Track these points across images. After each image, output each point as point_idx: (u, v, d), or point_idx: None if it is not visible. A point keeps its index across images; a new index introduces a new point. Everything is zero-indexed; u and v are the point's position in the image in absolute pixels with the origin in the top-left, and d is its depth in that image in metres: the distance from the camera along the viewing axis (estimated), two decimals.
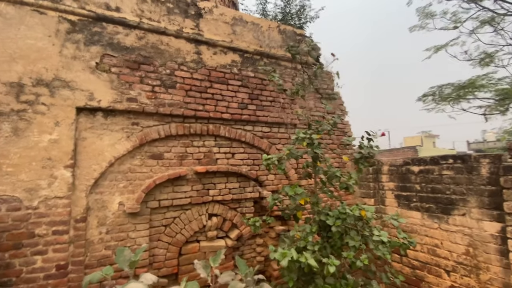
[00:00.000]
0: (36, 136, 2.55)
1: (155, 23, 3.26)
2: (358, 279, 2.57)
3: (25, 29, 2.58)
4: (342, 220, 2.29)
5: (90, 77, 2.83)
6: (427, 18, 9.15)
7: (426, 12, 9.24)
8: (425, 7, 9.11)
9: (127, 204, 2.95)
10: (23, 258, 2.41)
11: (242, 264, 2.78)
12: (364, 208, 2.38)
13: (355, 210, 2.34)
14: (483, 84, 8.05)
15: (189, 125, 3.37)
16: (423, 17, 9.23)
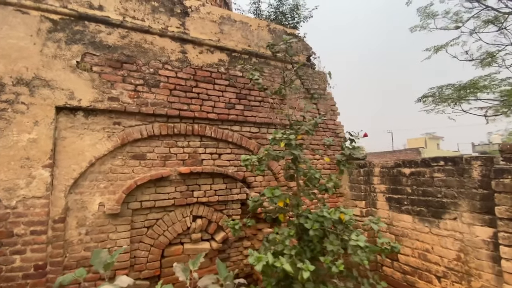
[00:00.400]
0: (15, 136, 2.54)
1: (139, 21, 3.23)
2: (343, 284, 2.49)
3: (7, 29, 2.57)
4: (320, 223, 2.21)
5: (71, 76, 2.81)
6: (428, 18, 8.99)
7: (428, 12, 9.08)
8: (426, 7, 8.96)
9: (107, 205, 2.91)
10: (2, 257, 2.39)
11: (222, 267, 2.72)
12: (343, 211, 2.30)
13: (333, 213, 2.26)
14: (486, 85, 7.86)
15: (173, 125, 3.33)
16: (424, 17, 9.07)
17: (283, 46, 2.89)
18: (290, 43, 2.83)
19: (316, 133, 4.38)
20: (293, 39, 4.06)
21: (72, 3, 2.90)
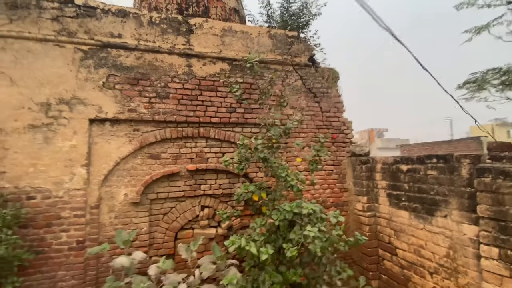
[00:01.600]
0: (60, 143, 3.36)
1: (151, 43, 3.84)
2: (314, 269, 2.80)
3: (49, 60, 3.38)
4: (284, 215, 2.55)
5: (99, 94, 3.55)
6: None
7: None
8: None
9: (130, 195, 3.64)
10: (53, 234, 3.26)
11: (216, 250, 3.24)
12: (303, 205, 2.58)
13: (294, 207, 2.57)
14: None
15: (182, 129, 3.91)
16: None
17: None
18: (253, 64, 3.09)
19: (319, 131, 4.58)
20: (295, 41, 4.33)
21: (97, 34, 3.61)
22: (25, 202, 3.17)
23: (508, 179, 2.52)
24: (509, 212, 2.50)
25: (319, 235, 2.33)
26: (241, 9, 5.60)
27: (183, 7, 4.80)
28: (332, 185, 4.60)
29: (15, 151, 3.20)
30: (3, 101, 3.20)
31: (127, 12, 3.77)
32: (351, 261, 4.60)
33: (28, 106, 3.27)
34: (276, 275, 2.56)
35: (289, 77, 4.50)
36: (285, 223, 2.57)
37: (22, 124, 3.25)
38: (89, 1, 3.61)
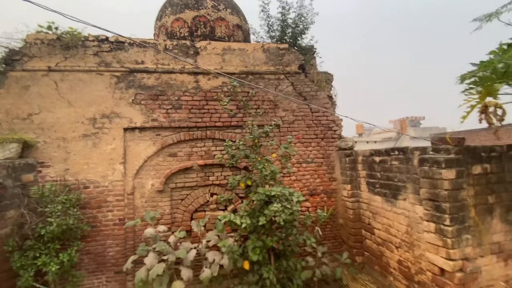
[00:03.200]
0: (104, 146, 4.55)
1: (166, 66, 4.86)
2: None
3: (93, 86, 4.56)
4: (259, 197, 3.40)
5: (129, 109, 4.67)
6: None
7: None
8: None
9: (155, 185, 4.74)
10: (102, 213, 4.47)
11: (219, 224, 4.19)
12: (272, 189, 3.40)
13: (266, 191, 3.40)
14: None
15: (193, 132, 4.92)
16: None
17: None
18: (233, 86, 3.91)
19: (309, 129, 5.30)
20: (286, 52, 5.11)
21: (126, 63, 4.72)
22: (83, 190, 4.41)
23: (439, 167, 3.12)
24: (440, 194, 3.11)
25: (282, 209, 3.15)
26: (244, 24, 6.43)
27: (193, 29, 5.78)
28: (322, 175, 5.32)
29: (74, 153, 4.44)
30: (65, 118, 4.44)
31: (147, 43, 4.83)
32: (340, 240, 5.32)
33: (81, 121, 4.49)
34: (257, 241, 3.45)
35: (281, 84, 5.27)
36: (261, 202, 3.42)
37: (77, 134, 4.48)
38: (119, 38, 4.73)
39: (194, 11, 5.71)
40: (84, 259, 4.37)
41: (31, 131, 4.33)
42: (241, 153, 3.74)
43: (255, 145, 3.90)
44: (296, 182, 5.19)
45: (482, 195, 3.34)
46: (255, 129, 3.94)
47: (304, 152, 5.27)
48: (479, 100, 3.10)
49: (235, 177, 3.76)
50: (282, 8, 6.01)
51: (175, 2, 5.86)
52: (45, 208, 3.89)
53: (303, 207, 5.16)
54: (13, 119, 4.31)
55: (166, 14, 5.86)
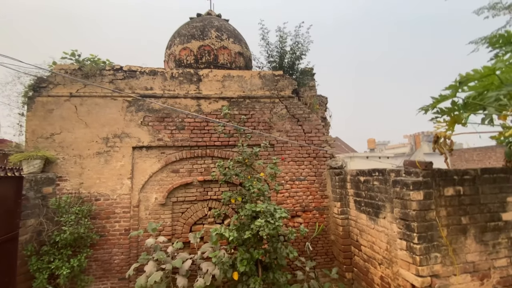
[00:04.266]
0: (114, 163, 5.09)
1: (172, 91, 5.44)
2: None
3: (108, 109, 5.17)
4: (245, 212, 3.76)
5: (138, 130, 5.23)
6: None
7: None
8: None
9: (159, 198, 5.20)
10: (110, 223, 4.95)
11: (213, 237, 4.55)
12: (259, 205, 3.75)
13: (253, 207, 3.75)
14: None
15: (194, 151, 5.40)
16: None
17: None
18: (226, 113, 4.37)
19: (302, 148, 5.67)
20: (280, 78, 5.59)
21: (137, 89, 5.33)
22: (94, 202, 4.93)
23: (408, 189, 3.40)
24: (409, 213, 3.38)
25: (265, 224, 3.48)
26: (245, 51, 7.01)
27: (198, 57, 6.40)
28: (314, 192, 5.62)
29: (88, 169, 5.00)
30: (81, 137, 5.05)
31: (156, 71, 5.45)
32: (332, 256, 5.54)
33: (95, 140, 5.08)
34: (245, 253, 3.79)
35: (276, 107, 5.71)
36: (249, 217, 3.78)
37: (92, 152, 5.05)
38: (131, 67, 5.37)
39: (199, 41, 6.35)
40: (92, 265, 4.82)
41: (53, 148, 4.95)
42: (231, 172, 4.16)
43: (245, 165, 4.31)
44: (289, 199, 5.51)
45: (455, 215, 3.56)
46: (245, 150, 4.35)
47: (297, 170, 5.61)
48: (448, 127, 3.40)
49: (227, 193, 4.17)
50: (280, 37, 6.54)
51: (183, 33, 6.53)
52: (60, 218, 4.41)
53: (295, 223, 5.47)
54: (38, 138, 4.95)
55: (175, 44, 6.53)
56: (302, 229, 3.82)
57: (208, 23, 6.62)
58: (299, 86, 6.11)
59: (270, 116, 5.65)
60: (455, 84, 3.00)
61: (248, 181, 4.08)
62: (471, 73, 2.73)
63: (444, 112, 3.20)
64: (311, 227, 5.45)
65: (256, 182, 4.06)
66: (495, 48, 3.27)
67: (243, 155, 4.30)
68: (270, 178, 4.22)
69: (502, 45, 3.21)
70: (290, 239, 3.94)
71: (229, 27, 6.93)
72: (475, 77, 2.73)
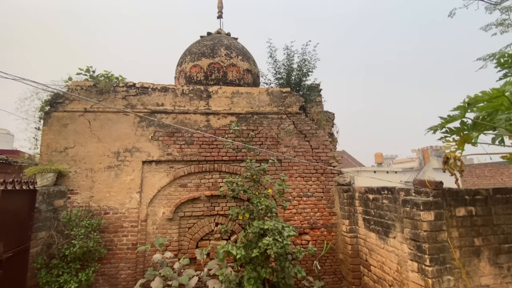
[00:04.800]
0: (124, 177, 5.18)
1: (182, 107, 5.58)
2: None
3: (120, 124, 5.32)
4: (253, 229, 3.74)
5: (148, 144, 5.34)
6: None
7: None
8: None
9: (166, 213, 5.23)
10: (118, 238, 4.98)
11: (220, 254, 4.53)
12: (266, 223, 3.74)
13: (261, 224, 3.74)
14: None
15: (202, 165, 5.46)
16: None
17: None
18: (235, 129, 4.45)
19: (309, 164, 5.68)
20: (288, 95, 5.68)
21: (148, 105, 5.49)
22: (103, 216, 4.99)
23: (418, 209, 3.35)
24: (420, 234, 3.32)
25: (273, 242, 3.46)
26: (253, 68, 7.17)
27: (208, 74, 6.57)
28: (322, 209, 5.57)
29: (99, 183, 5.10)
30: (94, 151, 5.18)
31: (167, 88, 5.61)
32: (340, 275, 5.41)
33: (107, 154, 5.20)
34: (252, 272, 3.75)
35: (283, 123, 5.78)
36: (256, 234, 3.76)
37: (103, 165, 5.17)
38: (144, 84, 5.55)
39: (209, 59, 6.55)
40: (99, 279, 4.82)
41: (65, 162, 5.08)
42: (239, 188, 4.18)
43: (253, 181, 4.34)
44: (297, 215, 5.47)
45: (467, 237, 3.48)
46: (253, 166, 4.39)
47: (304, 186, 5.60)
48: (457, 147, 3.38)
49: (234, 209, 4.17)
50: (288, 55, 6.69)
51: (193, 51, 6.76)
52: (70, 231, 4.47)
53: (303, 241, 5.40)
54: (52, 152, 5.10)
55: (186, 61, 6.74)
56: (311, 248, 3.78)
57: (218, 42, 6.84)
58: (306, 102, 6.18)
59: (277, 132, 5.71)
60: (463, 105, 3.01)
61: (256, 198, 4.09)
62: (480, 95, 2.75)
63: (453, 131, 3.20)
64: (319, 245, 5.36)
65: (264, 199, 4.07)
66: (504, 69, 3.29)
67: (251, 171, 4.33)
68: (278, 195, 4.22)
69: (511, 65, 3.23)
70: (298, 258, 3.89)
71: (238, 45, 7.14)
72: (484, 98, 2.75)
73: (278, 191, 4.22)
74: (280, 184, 4.20)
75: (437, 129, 3.22)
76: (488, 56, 8.51)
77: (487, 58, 8.56)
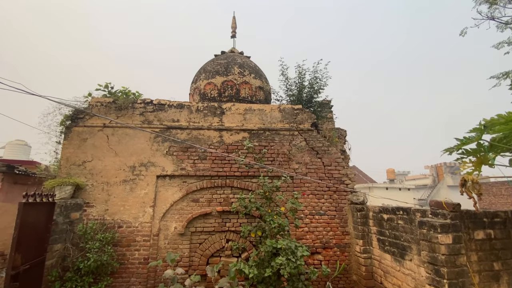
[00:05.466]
0: (139, 191, 5.28)
1: (196, 123, 5.72)
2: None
3: (136, 139, 5.48)
4: (266, 248, 3.72)
5: (163, 159, 5.46)
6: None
7: None
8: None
9: (178, 228, 5.27)
10: (130, 252, 5.02)
11: (231, 271, 4.49)
12: (280, 242, 3.71)
13: (273, 243, 3.71)
14: None
15: (214, 181, 5.52)
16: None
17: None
18: (249, 146, 4.53)
19: (322, 181, 5.65)
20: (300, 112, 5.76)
21: (164, 121, 5.66)
22: (117, 229, 5.06)
23: (436, 232, 3.28)
24: (438, 258, 3.23)
25: (287, 262, 3.43)
26: (265, 85, 7.34)
27: (221, 91, 6.76)
28: (334, 228, 5.49)
29: (114, 196, 5.21)
30: (110, 165, 5.33)
31: (183, 104, 5.80)
32: None
33: (123, 168, 5.34)
34: None
35: (295, 139, 5.83)
36: (269, 253, 3.73)
37: (119, 179, 5.30)
38: (161, 101, 5.76)
39: (223, 76, 6.76)
40: None
41: (83, 175, 5.24)
42: (252, 205, 4.20)
43: (266, 198, 4.35)
44: (309, 234, 5.40)
45: (486, 261, 3.37)
46: (266, 183, 4.42)
47: (316, 204, 5.55)
48: (474, 168, 3.34)
49: (247, 226, 4.18)
50: (299, 73, 6.84)
51: (208, 69, 7.00)
52: (85, 244, 4.55)
53: (315, 260, 5.30)
54: (71, 165, 5.28)
55: (200, 79, 6.97)
56: (325, 269, 3.71)
57: (232, 60, 7.08)
58: (317, 118, 6.24)
59: (289, 148, 5.76)
60: (479, 127, 3.01)
61: (269, 215, 4.10)
62: (495, 118, 2.75)
63: (470, 153, 3.18)
64: (331, 265, 5.24)
65: (277, 217, 4.06)
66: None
67: (264, 188, 4.36)
68: (291, 213, 4.20)
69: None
70: (312, 279, 3.82)
71: (250, 64, 7.36)
72: (500, 121, 2.75)
73: (291, 209, 4.21)
74: (293, 202, 4.19)
75: (453, 150, 3.21)
76: (501, 74, 8.45)
77: (501, 76, 8.50)
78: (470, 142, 2.98)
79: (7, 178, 6.13)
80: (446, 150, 3.16)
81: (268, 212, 4.20)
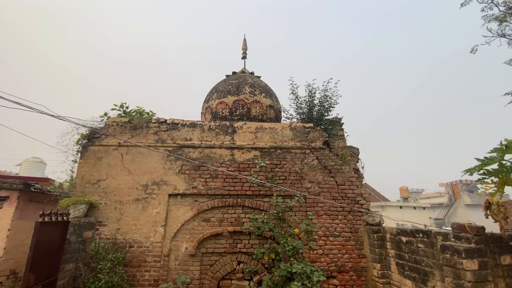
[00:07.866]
0: (150, 210, 5.28)
1: (208, 142, 5.78)
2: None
3: (150, 158, 5.56)
4: (280, 272, 3.58)
5: (175, 178, 5.49)
6: None
7: None
8: None
9: (189, 248, 5.18)
10: (140, 272, 4.94)
11: None
12: (294, 266, 3.58)
13: (288, 267, 3.58)
14: None
15: (225, 200, 5.47)
16: None
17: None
18: (261, 166, 4.51)
19: (335, 201, 5.52)
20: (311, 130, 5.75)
21: (177, 140, 5.75)
22: (128, 249, 5.02)
23: (460, 257, 3.11)
24: (464, 285, 3.03)
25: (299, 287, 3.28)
26: (275, 104, 7.42)
27: (232, 110, 6.87)
28: (350, 251, 5.28)
29: (126, 215, 5.22)
30: (124, 184, 5.39)
31: (195, 123, 5.90)
32: None
33: (136, 187, 5.39)
34: None
35: (306, 157, 5.78)
36: (283, 278, 3.59)
37: (131, 198, 5.33)
38: (174, 120, 5.88)
39: (234, 96, 6.89)
40: None
41: (97, 194, 5.30)
42: (265, 226, 4.11)
43: (279, 219, 4.27)
44: (323, 257, 5.21)
45: None
46: (280, 203, 4.35)
47: (330, 225, 5.39)
48: (497, 189, 3.20)
49: (260, 249, 4.07)
50: (309, 92, 6.90)
51: (220, 89, 7.16)
52: (97, 264, 4.51)
53: (330, 285, 5.07)
54: (86, 184, 5.36)
55: (212, 98, 7.13)
56: None
57: (243, 81, 7.23)
58: (328, 136, 6.21)
59: (301, 167, 5.70)
60: (501, 147, 2.92)
61: (283, 237, 3.99)
62: None
63: (491, 173, 3.06)
64: None
65: (291, 239, 3.95)
66: None
67: (277, 208, 4.28)
68: (306, 235, 4.08)
69: None
70: None
71: (261, 83, 7.50)
72: None
73: (306, 232, 4.09)
74: (308, 224, 4.08)
75: (474, 171, 3.10)
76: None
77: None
78: (491, 162, 2.88)
79: (23, 196, 6.25)
80: (467, 171, 3.06)
81: (281, 234, 4.09)
